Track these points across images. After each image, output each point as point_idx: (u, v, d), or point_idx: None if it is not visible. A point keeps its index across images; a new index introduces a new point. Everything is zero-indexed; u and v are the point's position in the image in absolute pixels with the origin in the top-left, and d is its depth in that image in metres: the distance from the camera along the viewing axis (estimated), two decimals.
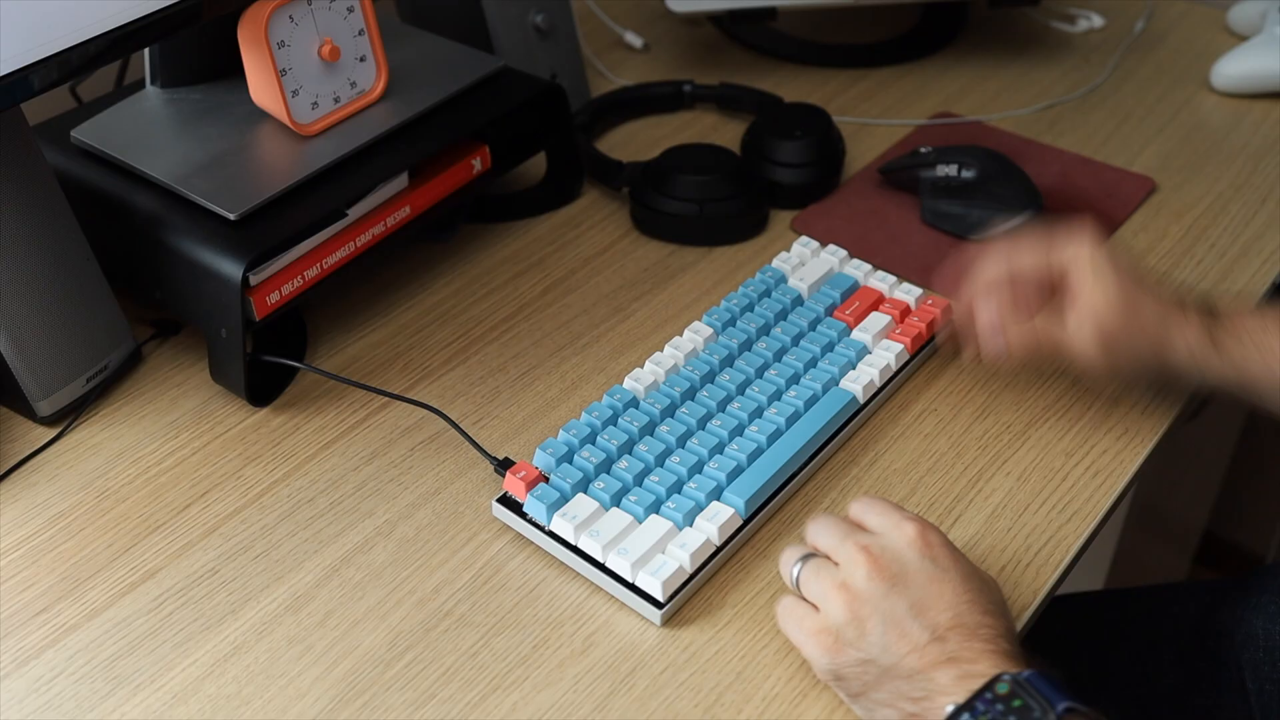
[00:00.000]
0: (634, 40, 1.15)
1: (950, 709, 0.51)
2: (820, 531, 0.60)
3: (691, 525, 0.65)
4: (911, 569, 0.56)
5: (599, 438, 0.70)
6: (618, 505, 0.66)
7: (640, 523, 0.65)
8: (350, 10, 0.79)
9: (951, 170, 0.89)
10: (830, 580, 0.57)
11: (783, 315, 0.79)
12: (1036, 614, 0.65)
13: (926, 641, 0.53)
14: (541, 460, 0.69)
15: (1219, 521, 1.67)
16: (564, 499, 0.66)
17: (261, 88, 0.77)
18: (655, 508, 0.66)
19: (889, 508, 0.60)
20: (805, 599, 0.59)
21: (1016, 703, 0.50)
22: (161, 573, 0.66)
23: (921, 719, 0.53)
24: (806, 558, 0.59)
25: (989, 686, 0.51)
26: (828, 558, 0.59)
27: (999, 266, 0.70)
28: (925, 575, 0.55)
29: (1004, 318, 0.70)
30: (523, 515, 0.67)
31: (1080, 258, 0.68)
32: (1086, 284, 0.68)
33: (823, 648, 0.56)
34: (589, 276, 0.88)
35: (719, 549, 0.65)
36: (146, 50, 0.81)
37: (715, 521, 0.65)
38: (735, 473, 0.68)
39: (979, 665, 0.52)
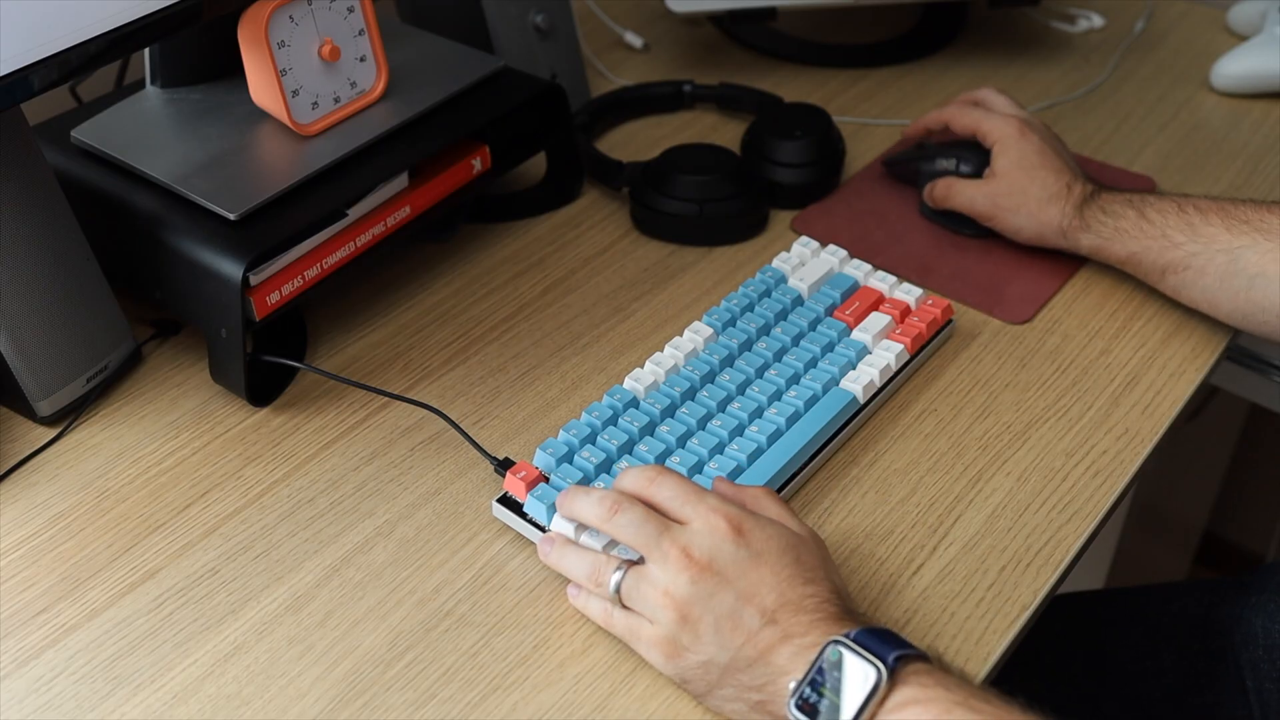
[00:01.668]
0: (634, 40, 1.15)
1: (792, 684, 0.53)
2: (628, 527, 0.59)
3: None
4: (729, 561, 0.56)
5: (599, 438, 0.70)
6: None
7: None
8: (350, 10, 0.79)
9: (949, 164, 0.89)
10: (654, 590, 0.57)
11: (783, 315, 0.79)
12: (1036, 614, 0.65)
13: (759, 627, 0.55)
14: (542, 460, 0.69)
15: (1219, 521, 1.67)
16: None
17: (261, 88, 0.77)
18: None
19: (689, 492, 0.59)
20: (630, 608, 0.59)
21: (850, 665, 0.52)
22: (161, 573, 0.66)
23: (770, 703, 0.54)
24: (622, 566, 0.59)
25: (821, 655, 0.53)
26: (636, 550, 0.59)
27: (938, 116, 0.91)
28: (743, 564, 0.56)
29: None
30: (523, 515, 0.67)
31: (996, 134, 0.85)
32: (997, 157, 0.85)
33: (664, 656, 0.57)
34: (589, 276, 0.88)
35: None
36: (146, 50, 0.81)
37: None
38: (735, 473, 0.68)
39: (810, 636, 0.54)
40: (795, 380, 0.74)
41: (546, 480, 0.68)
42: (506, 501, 0.68)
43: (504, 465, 0.70)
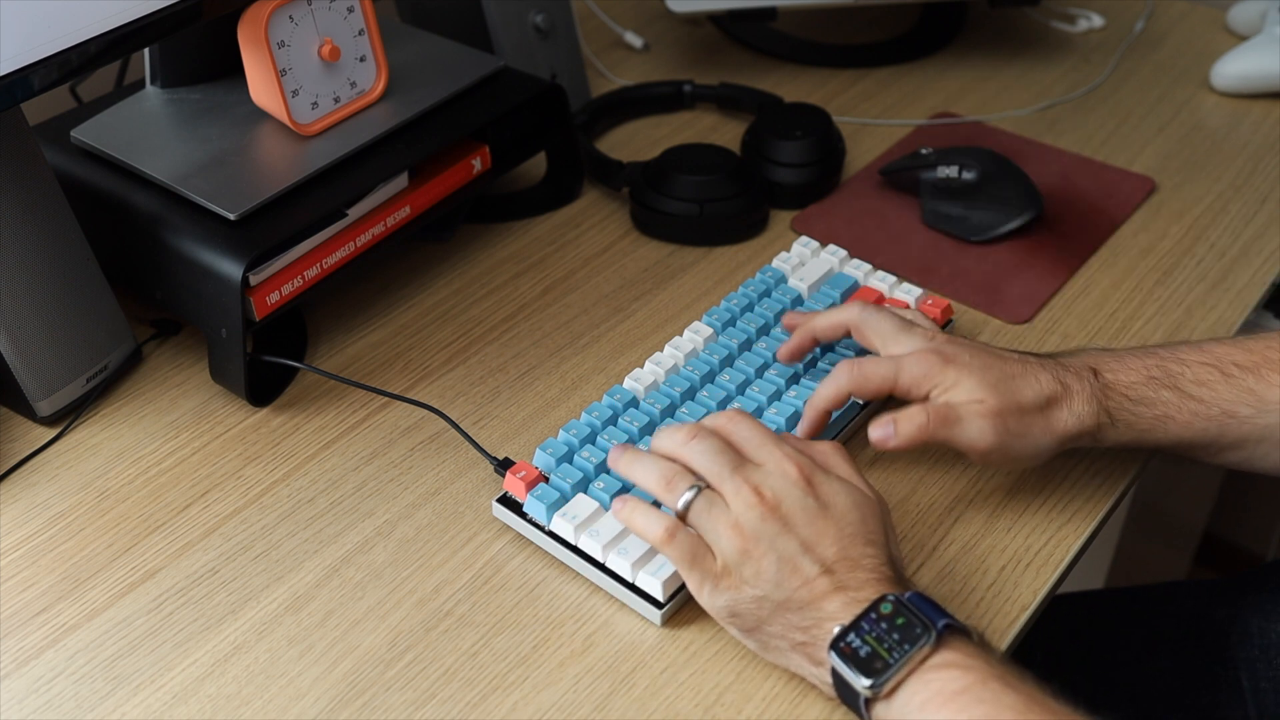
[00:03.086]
0: (634, 40, 1.15)
1: (837, 630, 0.54)
2: (702, 456, 0.59)
3: None
4: (797, 508, 0.57)
5: (599, 438, 0.70)
6: None
7: None
8: (350, 10, 0.79)
9: (952, 171, 0.89)
10: (724, 518, 0.58)
11: (783, 315, 0.79)
12: (1036, 614, 0.65)
13: (816, 575, 0.56)
14: (541, 460, 0.69)
15: (1219, 521, 1.67)
16: (564, 499, 0.66)
17: (261, 88, 0.77)
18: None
19: (765, 436, 0.60)
20: (689, 525, 0.59)
21: (900, 620, 0.54)
22: (161, 573, 0.66)
23: (811, 646, 0.56)
24: (697, 484, 0.59)
25: (873, 607, 0.54)
26: (708, 480, 0.59)
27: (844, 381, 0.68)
28: (810, 513, 0.57)
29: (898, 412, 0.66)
30: (523, 515, 0.67)
31: (925, 379, 0.66)
32: (949, 395, 0.65)
33: (723, 588, 0.58)
34: (589, 276, 0.88)
35: None
36: (146, 50, 0.81)
37: None
38: None
39: (864, 591, 0.55)
40: (795, 380, 0.74)
41: (546, 480, 0.68)
42: (506, 501, 0.68)
43: (504, 465, 0.70)
